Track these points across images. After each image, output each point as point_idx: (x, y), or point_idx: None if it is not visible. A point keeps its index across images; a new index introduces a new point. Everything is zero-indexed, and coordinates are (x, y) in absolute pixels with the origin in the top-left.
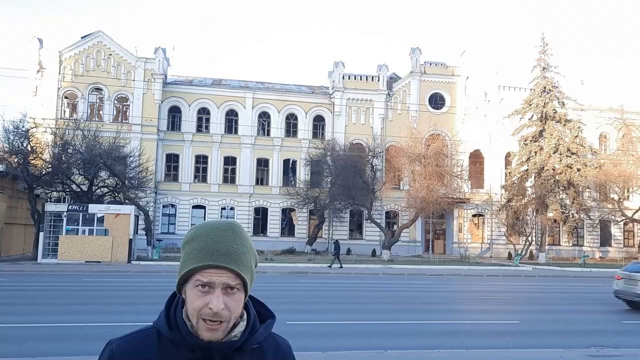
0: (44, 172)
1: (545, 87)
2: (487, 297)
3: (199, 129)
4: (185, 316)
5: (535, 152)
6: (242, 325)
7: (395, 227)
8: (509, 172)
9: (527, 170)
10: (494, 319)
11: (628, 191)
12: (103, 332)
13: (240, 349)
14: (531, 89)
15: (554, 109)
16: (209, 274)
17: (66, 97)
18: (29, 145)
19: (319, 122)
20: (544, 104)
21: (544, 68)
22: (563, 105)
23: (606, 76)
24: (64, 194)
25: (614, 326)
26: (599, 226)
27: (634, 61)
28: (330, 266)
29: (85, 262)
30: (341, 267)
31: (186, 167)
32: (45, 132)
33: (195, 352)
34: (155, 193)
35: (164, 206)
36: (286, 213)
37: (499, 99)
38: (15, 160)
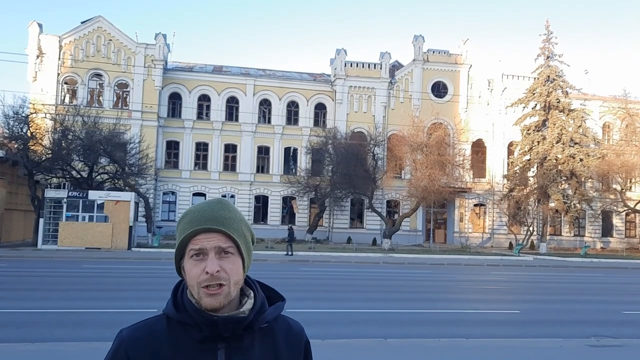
0: (43, 158)
1: (549, 76)
2: (488, 287)
3: (199, 116)
4: (190, 295)
5: (538, 142)
6: (250, 303)
7: (396, 216)
8: (511, 162)
9: (529, 160)
10: (495, 308)
11: (630, 182)
12: (103, 319)
13: (249, 327)
14: (535, 78)
15: (557, 99)
16: (199, 241)
17: (66, 83)
18: (28, 131)
19: (320, 110)
20: (548, 93)
21: (548, 57)
22: (567, 94)
23: (611, 66)
24: (64, 180)
25: (614, 316)
26: (600, 217)
27: (638, 52)
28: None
29: (85, 248)
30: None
31: (186, 155)
32: (45, 117)
33: (203, 330)
34: (156, 180)
35: (164, 193)
36: (287, 201)
37: (502, 87)
38: (15, 146)
